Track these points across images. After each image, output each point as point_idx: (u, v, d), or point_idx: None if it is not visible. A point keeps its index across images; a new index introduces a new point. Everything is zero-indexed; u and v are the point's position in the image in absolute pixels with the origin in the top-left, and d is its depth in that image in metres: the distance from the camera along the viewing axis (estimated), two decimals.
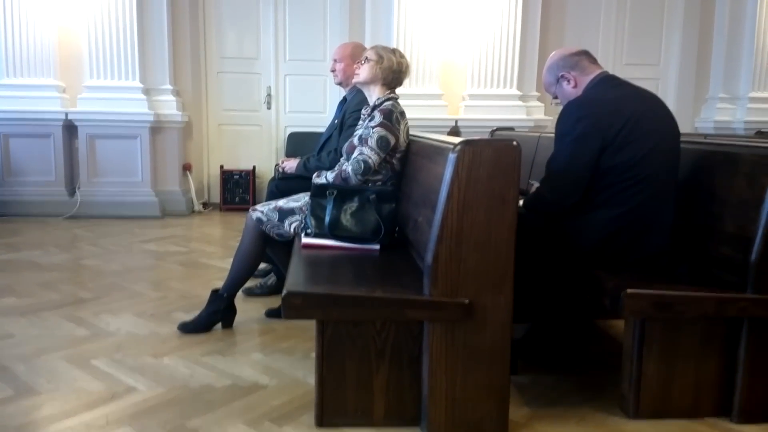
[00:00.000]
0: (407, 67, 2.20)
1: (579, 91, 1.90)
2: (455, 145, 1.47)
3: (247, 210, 2.36)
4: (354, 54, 2.73)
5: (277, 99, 5.24)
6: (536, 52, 4.76)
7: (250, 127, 5.25)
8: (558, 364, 2.01)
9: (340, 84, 2.86)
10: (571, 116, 1.76)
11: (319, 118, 5.16)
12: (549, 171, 1.80)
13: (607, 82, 1.88)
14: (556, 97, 1.99)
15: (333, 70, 2.84)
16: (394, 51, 2.17)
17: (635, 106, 1.75)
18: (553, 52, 1.96)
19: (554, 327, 2.12)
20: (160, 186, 4.74)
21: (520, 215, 1.50)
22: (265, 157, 5.28)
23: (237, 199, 5.06)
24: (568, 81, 1.91)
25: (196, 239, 3.99)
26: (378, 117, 2.08)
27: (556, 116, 1.86)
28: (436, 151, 1.71)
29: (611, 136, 1.71)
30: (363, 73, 2.18)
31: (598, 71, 1.89)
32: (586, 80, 1.89)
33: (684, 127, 3.56)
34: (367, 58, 2.17)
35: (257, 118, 5.26)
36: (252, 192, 5.06)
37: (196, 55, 4.99)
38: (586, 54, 1.92)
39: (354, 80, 2.25)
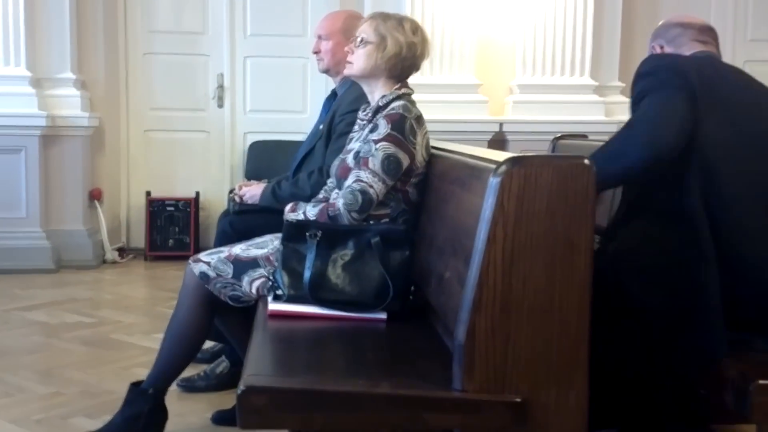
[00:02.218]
0: (425, 46, 2.26)
1: None
2: (498, 164, 1.51)
3: (185, 259, 2.41)
4: (347, 28, 2.80)
5: (233, 93, 5.35)
6: (618, 25, 4.86)
7: (191, 134, 5.36)
8: None
9: (327, 72, 2.93)
10: (651, 64, 1.85)
11: (297, 122, 5.26)
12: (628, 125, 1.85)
13: (712, 59, 1.97)
14: None
15: (317, 52, 2.91)
16: (402, 23, 2.22)
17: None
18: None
19: None
20: (54, 224, 4.80)
21: (598, 268, 1.52)
22: (214, 180, 5.36)
23: (171, 242, 5.12)
24: None
25: (107, 304, 4.01)
26: (384, 126, 2.14)
27: None
28: (471, 174, 1.75)
29: (707, 101, 1.77)
30: (357, 62, 2.23)
31: (696, 49, 1.97)
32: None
33: None
34: (362, 39, 2.22)
35: (203, 121, 5.37)
36: (194, 232, 5.12)
37: (111, 30, 5.14)
38: (698, 29, 2.02)
39: (346, 71, 2.30)
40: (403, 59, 2.21)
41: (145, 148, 5.33)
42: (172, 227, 5.12)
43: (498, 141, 4.73)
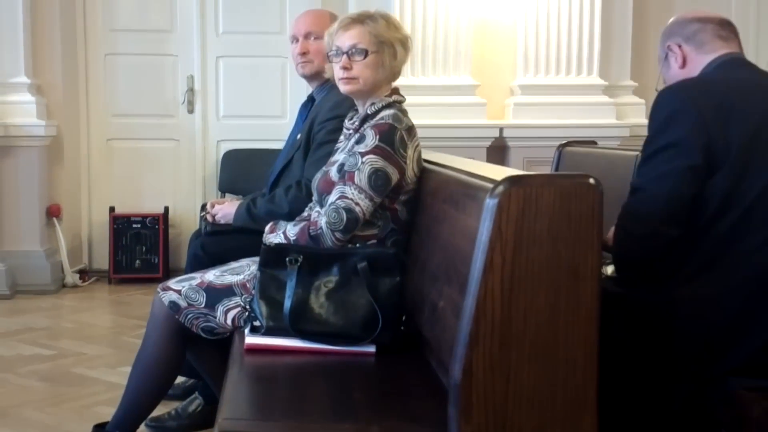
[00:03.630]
0: (409, 49, 2.29)
1: (687, 76, 2.03)
2: (495, 183, 1.52)
3: (153, 282, 2.41)
4: None
5: (205, 97, 5.36)
6: (629, 19, 4.88)
7: (159, 143, 5.36)
8: None
9: (309, 77, 2.92)
10: (663, 110, 1.89)
11: (275, 128, 5.25)
12: (633, 192, 1.91)
13: (732, 66, 1.98)
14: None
15: (304, 53, 2.87)
16: (389, 21, 2.24)
17: None
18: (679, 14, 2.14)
19: None
20: (8, 244, 4.79)
21: (606, 295, 1.54)
22: (185, 194, 5.36)
23: (138, 263, 5.11)
24: (676, 58, 2.04)
25: (67, 334, 3.99)
26: (371, 137, 2.15)
27: None
28: (465, 193, 1.77)
29: (723, 147, 1.79)
30: (364, 76, 2.19)
31: (723, 51, 1.99)
32: (699, 61, 2.02)
33: None
34: (360, 49, 2.18)
35: (171, 129, 5.37)
36: (163, 252, 5.12)
37: (69, 29, 5.14)
38: (717, 24, 2.04)
39: (347, 88, 2.23)
40: (403, 61, 2.26)
41: (107, 159, 5.32)
42: (138, 247, 5.11)
43: (498, 148, 4.74)
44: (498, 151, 4.76)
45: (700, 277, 1.83)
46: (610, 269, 2.16)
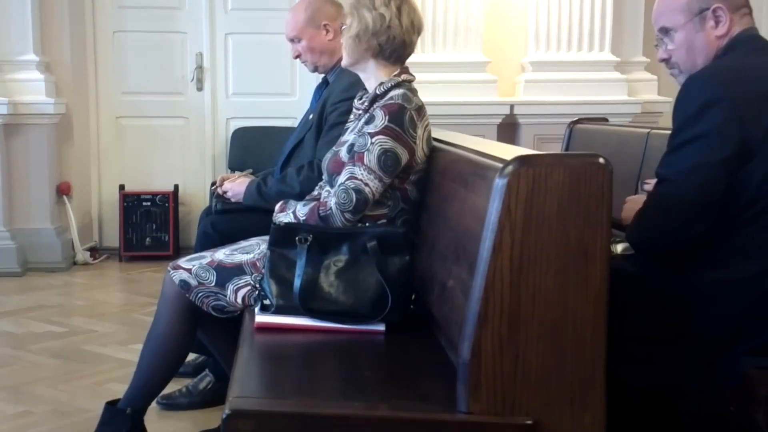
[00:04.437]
0: (404, 17, 2.22)
1: (715, 46, 1.93)
2: (505, 163, 1.53)
3: (163, 260, 2.43)
4: (311, 16, 2.86)
5: (214, 74, 5.36)
6: None
7: (168, 120, 5.37)
8: None
9: (316, 70, 2.96)
10: (694, 99, 1.83)
11: (284, 106, 5.27)
12: (660, 184, 1.86)
13: (753, 43, 1.94)
14: (668, 59, 2.01)
15: (297, 56, 2.95)
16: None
17: None
18: None
19: None
20: (18, 222, 4.83)
21: (615, 274, 1.54)
22: (195, 171, 5.38)
23: (148, 241, 5.15)
24: (718, 23, 1.92)
25: (79, 312, 4.04)
26: (381, 117, 2.15)
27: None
28: (475, 172, 1.77)
29: (758, 137, 1.77)
30: (344, 53, 2.30)
31: (745, 26, 1.95)
32: (729, 31, 1.92)
33: None
34: (343, 27, 2.27)
35: (180, 106, 5.38)
36: (173, 231, 5.15)
37: (77, 6, 5.15)
38: None
39: (342, 63, 2.35)
40: (377, 35, 2.21)
41: (117, 136, 5.34)
42: (148, 224, 5.14)
43: (509, 125, 4.74)
44: (509, 129, 4.75)
45: (725, 263, 1.81)
46: (620, 247, 2.16)
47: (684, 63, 1.97)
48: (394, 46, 2.23)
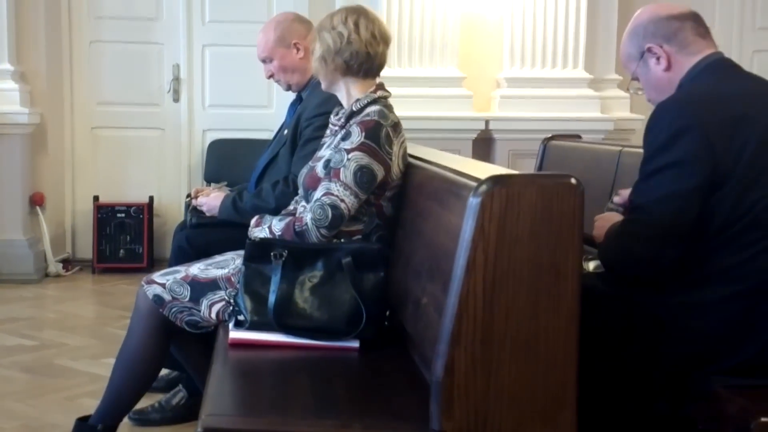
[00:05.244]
0: (374, 30, 2.24)
1: (672, 79, 1.99)
2: (479, 182, 1.54)
3: (137, 272, 2.42)
4: (281, 36, 2.88)
5: (191, 86, 5.35)
6: (614, 12, 4.93)
7: (144, 131, 5.35)
8: None
9: (290, 89, 2.99)
10: (666, 127, 1.85)
11: (261, 118, 5.27)
12: (633, 211, 1.88)
13: (722, 70, 1.97)
14: (636, 79, 2.08)
15: (270, 76, 2.98)
16: (332, 17, 2.27)
17: None
18: (641, 9, 2.06)
19: None
20: None
21: (587, 293, 1.56)
22: (170, 183, 5.35)
23: (122, 253, 5.11)
24: (658, 59, 2.00)
25: (50, 324, 3.99)
26: (357, 134, 2.16)
27: (648, 114, 1.95)
28: (449, 190, 1.78)
29: (730, 162, 1.79)
30: (319, 77, 2.34)
31: (708, 51, 1.99)
32: (686, 63, 1.98)
33: None
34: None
35: (157, 118, 5.36)
36: (147, 242, 5.11)
37: (54, 16, 5.12)
38: (693, 19, 2.02)
39: (322, 86, 2.37)
40: (340, 53, 2.22)
41: (92, 147, 5.31)
42: (122, 236, 5.10)
43: (484, 140, 4.77)
44: (484, 144, 4.78)
45: (697, 286, 1.83)
46: (592, 265, 2.18)
47: (656, 100, 2.00)
48: (360, 60, 2.24)
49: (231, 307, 2.16)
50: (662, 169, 1.82)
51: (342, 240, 2.16)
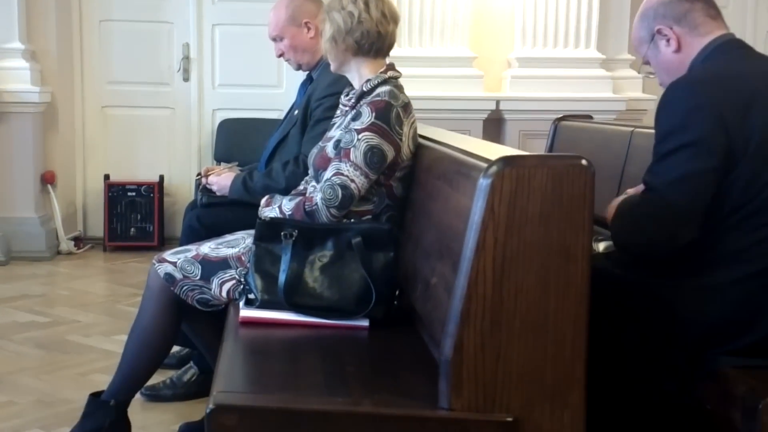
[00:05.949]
0: (383, 9, 2.23)
1: (683, 61, 1.98)
2: (489, 163, 1.55)
3: (148, 250, 2.43)
4: (293, 15, 2.87)
5: (201, 65, 5.34)
6: None
7: (154, 111, 5.35)
8: None
9: (300, 68, 2.98)
10: (679, 107, 1.84)
11: (271, 97, 5.26)
12: (648, 192, 1.88)
13: (733, 51, 1.96)
14: (647, 63, 2.08)
15: (280, 55, 2.97)
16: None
17: None
18: None
19: None
20: (2, 211, 4.81)
21: (597, 274, 1.56)
22: (180, 162, 5.36)
23: (132, 231, 5.13)
24: (668, 41, 1.99)
25: (63, 301, 4.03)
26: (367, 114, 2.16)
27: (660, 94, 1.95)
28: (459, 171, 1.79)
29: (742, 143, 1.79)
30: (329, 58, 2.32)
31: (718, 32, 1.98)
32: (696, 44, 1.97)
33: None
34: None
35: (167, 97, 5.36)
36: (158, 220, 5.14)
37: None
38: (703, 0, 2.01)
39: (332, 68, 2.35)
40: (351, 33, 2.22)
41: (102, 126, 5.31)
42: (133, 214, 5.12)
43: (494, 120, 4.76)
44: (494, 124, 4.77)
45: (707, 268, 1.83)
46: (602, 246, 2.18)
47: (668, 83, 1.98)
48: (371, 39, 2.23)
49: (242, 286, 2.17)
50: (677, 150, 1.82)
51: (352, 220, 2.17)
